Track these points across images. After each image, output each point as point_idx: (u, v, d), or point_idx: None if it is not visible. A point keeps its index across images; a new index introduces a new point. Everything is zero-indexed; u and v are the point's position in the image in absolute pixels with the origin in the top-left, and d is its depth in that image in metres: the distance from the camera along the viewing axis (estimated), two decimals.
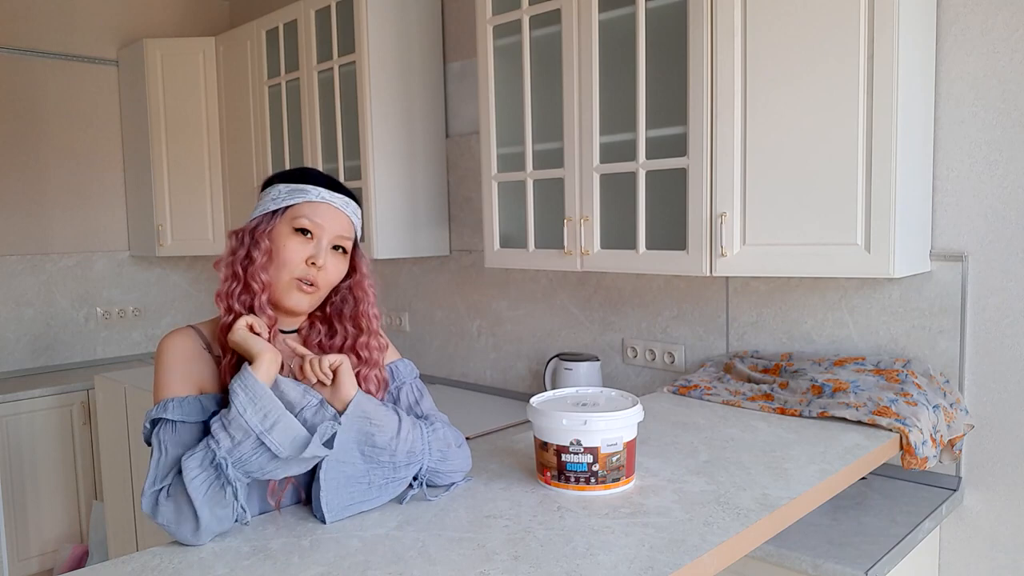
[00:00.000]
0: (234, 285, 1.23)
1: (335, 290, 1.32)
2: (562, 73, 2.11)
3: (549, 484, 1.30)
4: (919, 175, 1.73)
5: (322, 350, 1.31)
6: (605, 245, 2.10)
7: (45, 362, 3.64)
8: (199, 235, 3.61)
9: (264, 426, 1.09)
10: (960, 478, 1.81)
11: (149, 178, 3.62)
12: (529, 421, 1.34)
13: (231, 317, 1.21)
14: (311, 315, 1.33)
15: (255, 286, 1.23)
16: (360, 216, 1.34)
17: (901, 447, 1.58)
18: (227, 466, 1.09)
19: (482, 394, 2.85)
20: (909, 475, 1.84)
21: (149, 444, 1.17)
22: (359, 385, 1.26)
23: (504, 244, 2.38)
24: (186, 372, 1.19)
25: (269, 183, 1.31)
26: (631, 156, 2.01)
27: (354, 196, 1.33)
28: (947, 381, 1.79)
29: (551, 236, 2.22)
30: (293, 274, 1.24)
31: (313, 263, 1.24)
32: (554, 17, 2.14)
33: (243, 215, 1.80)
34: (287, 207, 1.25)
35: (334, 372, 1.21)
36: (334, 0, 2.83)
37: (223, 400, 1.19)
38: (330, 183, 1.29)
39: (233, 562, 1.05)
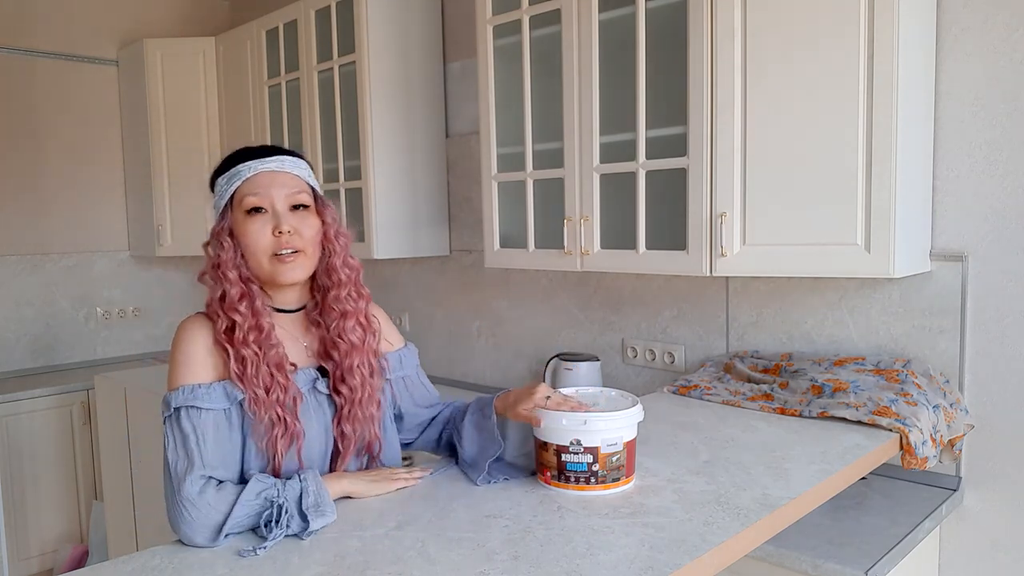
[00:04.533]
0: (218, 291, 1.25)
1: None
2: (562, 73, 2.11)
3: (549, 484, 1.30)
4: (919, 175, 1.73)
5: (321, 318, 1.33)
6: (605, 245, 2.10)
7: (45, 362, 3.64)
8: (199, 235, 3.58)
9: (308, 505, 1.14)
10: (960, 478, 1.81)
11: (149, 178, 3.62)
12: None
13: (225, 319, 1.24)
14: (312, 292, 1.34)
15: (226, 286, 1.24)
16: (307, 167, 1.34)
17: (901, 447, 1.58)
18: (284, 510, 1.13)
19: (482, 394, 2.82)
20: (909, 475, 1.84)
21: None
22: (342, 339, 1.30)
23: (504, 244, 2.37)
24: (207, 360, 1.21)
25: (212, 182, 1.33)
26: (631, 156, 2.00)
27: (295, 152, 1.32)
28: (947, 381, 1.79)
29: (551, 236, 2.22)
30: (269, 253, 1.25)
31: (280, 232, 1.24)
32: (554, 17, 2.14)
33: None
34: (231, 197, 1.27)
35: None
36: (334, 0, 2.83)
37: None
38: (261, 151, 1.29)
39: (233, 562, 1.05)
